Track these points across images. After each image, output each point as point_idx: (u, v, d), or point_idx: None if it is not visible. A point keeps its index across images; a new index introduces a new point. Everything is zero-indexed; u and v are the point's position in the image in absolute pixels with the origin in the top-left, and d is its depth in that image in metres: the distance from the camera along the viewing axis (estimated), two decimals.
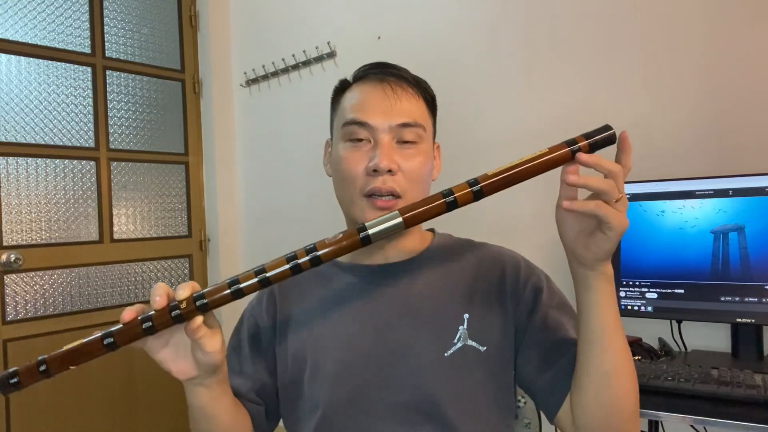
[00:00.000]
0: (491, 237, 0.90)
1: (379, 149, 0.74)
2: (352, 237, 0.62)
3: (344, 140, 0.78)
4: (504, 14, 1.73)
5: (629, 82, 1.50)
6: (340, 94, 0.83)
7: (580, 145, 0.65)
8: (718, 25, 1.37)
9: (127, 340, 0.63)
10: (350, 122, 0.76)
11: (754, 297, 1.20)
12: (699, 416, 0.96)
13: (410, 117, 0.77)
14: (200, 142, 2.58)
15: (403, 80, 0.79)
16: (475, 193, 0.64)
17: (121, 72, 2.34)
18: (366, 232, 0.62)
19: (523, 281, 0.80)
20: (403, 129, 0.76)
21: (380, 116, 0.75)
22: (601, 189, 0.60)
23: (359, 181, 0.76)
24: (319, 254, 0.62)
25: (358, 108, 0.77)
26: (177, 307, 0.60)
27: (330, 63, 2.17)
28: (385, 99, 0.76)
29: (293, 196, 2.36)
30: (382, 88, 0.77)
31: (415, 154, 0.77)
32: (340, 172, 0.78)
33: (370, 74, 0.80)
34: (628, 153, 0.63)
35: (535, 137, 1.66)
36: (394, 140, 0.76)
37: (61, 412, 2.10)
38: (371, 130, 0.76)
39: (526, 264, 0.83)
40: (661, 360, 1.24)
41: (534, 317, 0.77)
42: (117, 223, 2.30)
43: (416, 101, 0.79)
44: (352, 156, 0.76)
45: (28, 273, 2.06)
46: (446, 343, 0.75)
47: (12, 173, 2.04)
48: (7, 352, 1.99)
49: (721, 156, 1.36)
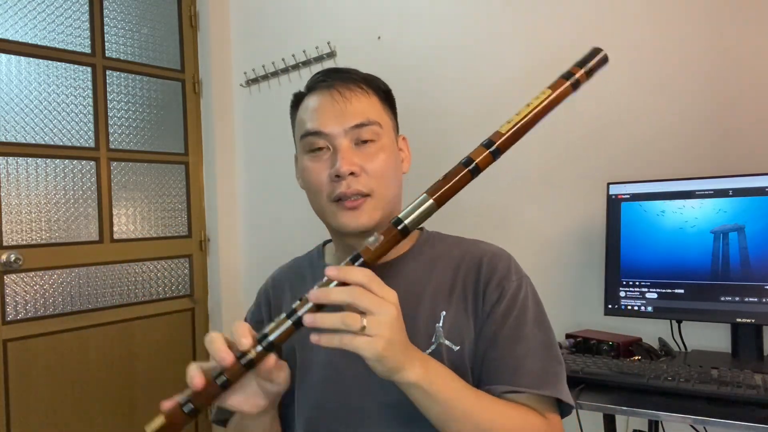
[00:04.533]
0: (492, 238, 0.90)
1: (339, 155, 0.76)
2: (391, 232, 0.63)
3: (305, 152, 0.79)
4: (504, 14, 1.73)
5: (629, 82, 1.50)
6: (296, 108, 0.84)
7: (577, 76, 0.65)
8: (718, 25, 1.37)
9: (206, 401, 0.62)
10: (306, 134, 0.78)
11: (754, 297, 1.20)
12: (699, 416, 0.96)
13: (363, 116, 0.77)
14: (200, 142, 2.57)
15: (350, 81, 0.79)
16: (493, 153, 0.63)
17: (121, 72, 2.34)
18: (403, 224, 0.63)
19: (495, 282, 0.78)
20: (359, 130, 0.77)
21: (333, 122, 0.77)
22: (336, 326, 0.58)
23: (325, 188, 0.77)
24: (363, 259, 0.62)
25: (312, 118, 0.78)
26: (245, 355, 0.60)
27: (330, 63, 2.17)
28: (335, 104, 0.77)
29: (293, 196, 2.36)
30: (330, 94, 0.78)
31: (376, 151, 0.78)
32: (307, 183, 0.80)
33: (318, 83, 0.81)
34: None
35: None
36: (352, 143, 0.77)
37: (61, 412, 2.10)
38: (328, 138, 0.77)
39: (507, 266, 0.80)
40: (661, 360, 1.24)
41: (485, 327, 0.76)
42: (117, 223, 2.30)
43: (367, 99, 0.79)
44: (314, 166, 0.78)
45: (28, 273, 2.06)
46: (425, 342, 0.76)
47: (12, 173, 2.04)
48: (7, 352, 1.99)
49: (721, 156, 1.36)
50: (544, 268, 1.57)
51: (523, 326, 0.75)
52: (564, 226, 1.60)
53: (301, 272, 0.91)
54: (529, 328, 0.76)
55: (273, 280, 0.93)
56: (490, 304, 0.77)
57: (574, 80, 0.64)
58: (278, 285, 0.91)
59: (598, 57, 0.65)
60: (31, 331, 2.05)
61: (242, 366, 0.60)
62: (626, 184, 1.37)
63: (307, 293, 0.61)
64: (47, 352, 2.08)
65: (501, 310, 0.76)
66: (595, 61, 0.65)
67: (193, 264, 2.54)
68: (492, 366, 0.74)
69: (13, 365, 2.00)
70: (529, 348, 0.74)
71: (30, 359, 2.04)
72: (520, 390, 0.71)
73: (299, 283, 0.89)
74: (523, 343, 0.74)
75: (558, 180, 1.60)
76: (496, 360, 0.74)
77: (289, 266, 0.94)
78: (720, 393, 0.99)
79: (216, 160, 2.55)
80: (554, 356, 0.76)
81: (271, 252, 2.38)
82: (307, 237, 1.00)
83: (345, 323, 0.58)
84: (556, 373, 0.75)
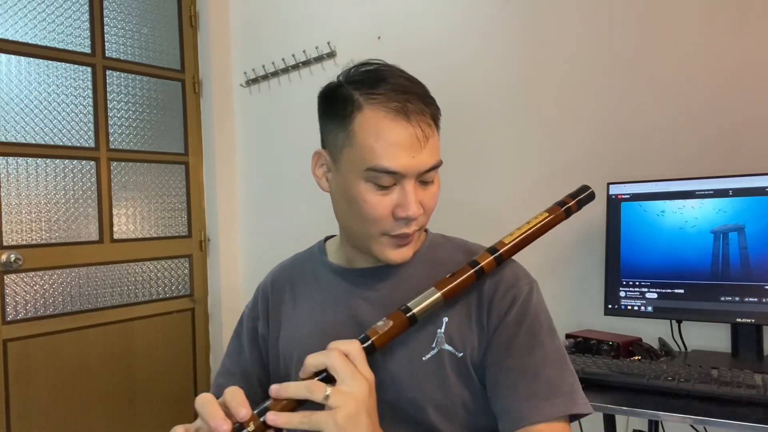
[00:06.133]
0: (492, 238, 0.90)
1: (409, 197, 0.72)
2: (399, 318, 0.69)
3: (365, 180, 0.73)
4: (504, 13, 1.73)
5: (629, 82, 1.50)
6: (347, 110, 0.74)
7: (569, 205, 0.79)
8: (718, 25, 1.37)
9: None
10: (379, 170, 0.71)
11: (754, 297, 1.20)
12: (699, 416, 0.96)
13: (435, 158, 0.74)
14: (200, 142, 2.57)
15: (425, 111, 0.73)
16: (497, 259, 0.74)
17: (121, 72, 2.34)
18: (412, 312, 0.69)
19: (502, 290, 0.76)
20: (428, 172, 0.74)
21: (410, 163, 0.71)
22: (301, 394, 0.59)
23: (385, 223, 0.74)
24: (372, 341, 0.67)
25: (387, 155, 0.70)
26: (243, 427, 0.58)
27: (330, 63, 2.17)
28: (416, 146, 0.71)
29: (293, 196, 2.36)
30: (411, 127, 0.71)
31: (432, 186, 0.77)
32: (358, 210, 0.74)
33: (384, 98, 0.72)
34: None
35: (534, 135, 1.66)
36: (416, 180, 0.74)
37: (61, 412, 2.10)
38: (398, 177, 0.72)
39: (513, 273, 0.78)
40: (661, 360, 1.24)
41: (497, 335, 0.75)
42: (117, 223, 2.30)
43: (435, 135, 0.75)
44: (377, 199, 0.73)
45: (28, 273, 2.06)
46: (425, 347, 0.75)
47: (12, 173, 2.04)
48: (7, 352, 1.99)
49: (721, 156, 1.36)
50: (544, 268, 1.57)
51: (538, 333, 0.74)
52: (564, 226, 1.58)
53: (302, 268, 0.90)
54: (544, 334, 0.74)
55: (273, 279, 0.92)
56: (501, 312, 0.75)
57: (566, 208, 0.79)
58: (278, 284, 0.90)
59: (586, 193, 0.80)
60: (31, 331, 2.05)
61: None
62: (626, 184, 1.37)
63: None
64: (47, 352, 2.08)
65: (513, 318, 0.74)
66: (584, 196, 0.80)
67: (193, 264, 2.54)
68: (509, 375, 0.73)
69: (13, 365, 2.00)
70: (546, 354, 0.73)
71: (30, 359, 2.04)
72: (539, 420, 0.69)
73: (300, 279, 0.88)
74: (539, 350, 0.73)
75: (558, 180, 1.60)
76: (512, 369, 0.73)
77: (289, 262, 0.94)
78: (720, 393, 0.99)
79: (216, 160, 2.55)
80: (569, 369, 0.75)
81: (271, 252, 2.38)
82: (308, 236, 1.00)
83: (309, 389, 0.58)
84: (572, 384, 0.73)
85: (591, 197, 0.80)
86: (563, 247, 1.59)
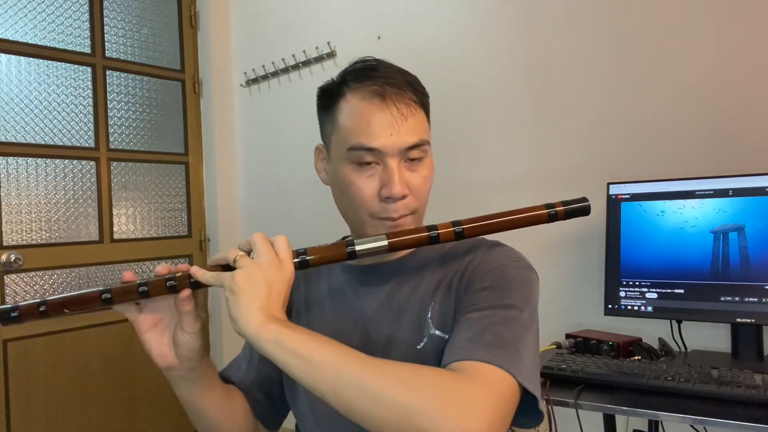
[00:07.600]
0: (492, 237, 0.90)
1: (391, 175, 0.73)
2: (340, 248, 0.70)
3: (349, 162, 0.75)
4: (505, 13, 1.73)
5: (629, 82, 1.50)
6: (334, 100, 0.77)
7: (557, 210, 0.73)
8: (719, 26, 1.37)
9: (122, 298, 0.69)
10: (358, 148, 0.73)
11: (754, 297, 1.20)
12: (699, 416, 0.96)
13: (417, 136, 0.74)
14: (200, 142, 2.58)
15: (404, 93, 0.75)
16: (457, 233, 0.72)
17: (121, 72, 2.34)
18: (353, 248, 0.70)
19: (480, 256, 0.75)
20: (411, 150, 0.74)
21: (388, 140, 0.72)
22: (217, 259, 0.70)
23: (371, 205, 0.74)
24: (308, 259, 0.69)
25: (363, 132, 0.73)
26: (173, 279, 0.67)
27: (330, 63, 2.17)
28: (393, 123, 0.73)
29: (293, 196, 2.36)
30: (387, 108, 0.73)
31: (422, 169, 0.76)
32: (348, 194, 0.76)
33: (366, 85, 0.75)
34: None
35: (532, 133, 1.66)
36: (402, 160, 0.74)
37: (61, 412, 2.10)
38: (379, 154, 0.73)
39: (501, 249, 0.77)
40: (661, 360, 1.24)
41: (464, 298, 0.72)
42: (117, 223, 2.30)
43: (419, 114, 0.76)
44: (361, 181, 0.74)
45: (28, 273, 2.06)
46: (419, 336, 0.75)
47: (12, 173, 2.04)
48: (7, 352, 1.99)
49: (721, 156, 1.36)
50: (544, 268, 1.56)
51: (507, 294, 0.70)
52: (564, 225, 1.59)
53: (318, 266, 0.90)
54: (514, 299, 0.69)
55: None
56: (473, 274, 0.74)
57: (552, 211, 0.73)
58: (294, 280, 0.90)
59: (581, 204, 0.74)
60: (31, 331, 2.05)
61: (165, 285, 0.67)
62: (626, 184, 1.37)
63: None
64: (47, 352, 2.08)
65: (482, 274, 0.73)
66: (576, 206, 0.73)
67: (193, 264, 2.54)
68: (464, 324, 0.67)
69: (13, 365, 2.00)
70: (509, 318, 0.67)
71: (30, 359, 2.04)
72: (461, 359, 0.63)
73: (314, 275, 0.88)
74: (500, 312, 0.67)
75: (558, 180, 1.60)
76: (468, 320, 0.67)
77: None
78: (720, 393, 0.99)
79: (216, 160, 2.55)
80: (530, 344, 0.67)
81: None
82: (308, 236, 1.00)
83: (226, 253, 0.66)
84: (520, 351, 0.64)
85: (584, 211, 0.73)
86: (563, 247, 1.59)
